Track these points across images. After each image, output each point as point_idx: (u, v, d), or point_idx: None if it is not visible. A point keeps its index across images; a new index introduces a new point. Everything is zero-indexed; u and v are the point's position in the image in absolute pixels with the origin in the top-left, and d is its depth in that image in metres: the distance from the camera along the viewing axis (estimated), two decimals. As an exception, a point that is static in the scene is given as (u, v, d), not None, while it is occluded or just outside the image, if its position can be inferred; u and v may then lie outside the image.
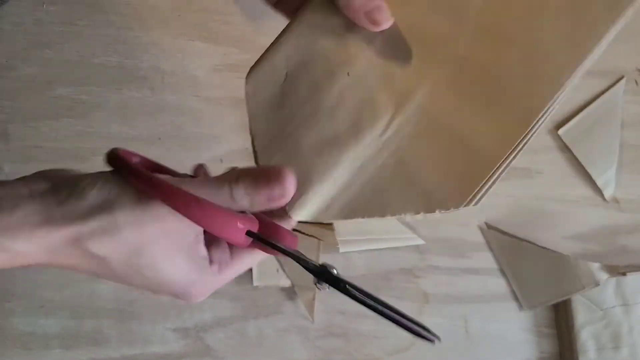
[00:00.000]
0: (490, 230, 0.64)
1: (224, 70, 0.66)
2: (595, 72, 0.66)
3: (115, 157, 0.34)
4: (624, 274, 0.61)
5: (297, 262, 0.35)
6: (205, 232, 0.35)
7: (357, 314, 0.64)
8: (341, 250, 0.62)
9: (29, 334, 0.63)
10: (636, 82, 0.66)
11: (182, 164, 0.66)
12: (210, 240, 0.36)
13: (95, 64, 0.66)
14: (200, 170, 0.41)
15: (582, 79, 0.66)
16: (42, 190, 0.32)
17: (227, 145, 0.65)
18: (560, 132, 0.65)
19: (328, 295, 0.64)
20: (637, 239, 0.64)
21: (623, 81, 0.65)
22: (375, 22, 0.36)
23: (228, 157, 0.65)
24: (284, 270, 0.63)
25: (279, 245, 0.35)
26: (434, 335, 0.34)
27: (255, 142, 0.39)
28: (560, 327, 0.64)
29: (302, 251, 0.63)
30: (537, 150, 0.65)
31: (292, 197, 0.35)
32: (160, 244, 0.33)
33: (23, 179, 0.33)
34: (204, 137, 0.65)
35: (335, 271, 0.36)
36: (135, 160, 0.37)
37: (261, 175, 0.34)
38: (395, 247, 0.64)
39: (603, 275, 0.60)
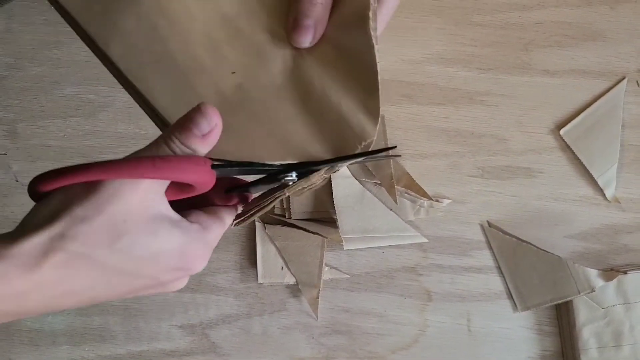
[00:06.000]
0: (491, 229, 0.65)
1: (230, 70, 0.67)
2: (597, 73, 0.66)
3: (37, 181, 0.32)
4: (625, 272, 0.61)
5: (263, 169, 0.36)
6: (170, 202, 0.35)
7: (361, 311, 0.64)
8: (345, 247, 0.63)
9: (36, 331, 0.63)
10: (637, 82, 0.66)
11: (188, 162, 0.66)
12: (179, 210, 0.36)
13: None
14: None
15: (583, 80, 0.67)
16: None
17: (232, 144, 0.66)
18: (562, 132, 0.65)
19: (332, 293, 0.64)
20: (638, 238, 0.65)
21: (624, 82, 0.66)
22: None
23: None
24: (288, 268, 0.63)
25: (244, 161, 0.35)
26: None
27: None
28: (561, 325, 0.64)
29: (306, 249, 0.64)
30: (538, 150, 0.66)
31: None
32: (131, 218, 0.31)
33: None
34: (210, 136, 0.66)
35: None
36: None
37: (185, 118, 0.33)
38: (398, 245, 0.65)
39: (599, 282, 0.60)
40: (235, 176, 0.39)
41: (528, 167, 0.66)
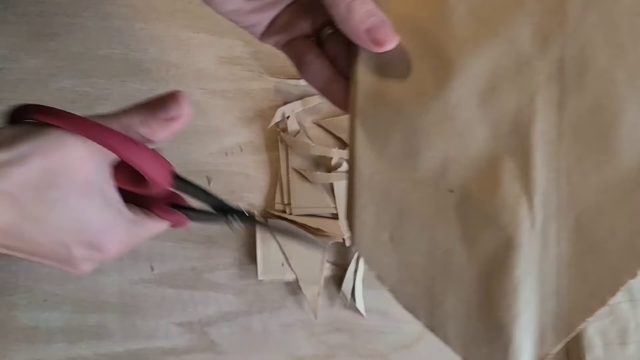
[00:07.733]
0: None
1: (229, 62, 0.66)
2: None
3: (17, 109, 0.33)
4: (631, 269, 0.61)
5: (213, 203, 0.38)
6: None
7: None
8: (347, 243, 0.62)
9: (32, 328, 0.63)
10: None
11: (187, 157, 0.66)
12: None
13: (99, 56, 0.66)
14: None
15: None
16: None
17: (232, 138, 0.65)
18: (568, 126, 0.65)
19: (333, 290, 0.64)
20: (644, 235, 0.64)
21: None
22: (377, 42, 0.33)
23: (234, 149, 0.65)
24: (289, 265, 0.63)
25: (199, 186, 0.37)
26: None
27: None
28: (566, 323, 0.64)
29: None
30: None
31: None
32: (69, 174, 0.32)
33: None
34: (209, 129, 0.65)
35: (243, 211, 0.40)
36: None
37: (156, 101, 0.34)
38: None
39: None
40: (183, 194, 0.39)
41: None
